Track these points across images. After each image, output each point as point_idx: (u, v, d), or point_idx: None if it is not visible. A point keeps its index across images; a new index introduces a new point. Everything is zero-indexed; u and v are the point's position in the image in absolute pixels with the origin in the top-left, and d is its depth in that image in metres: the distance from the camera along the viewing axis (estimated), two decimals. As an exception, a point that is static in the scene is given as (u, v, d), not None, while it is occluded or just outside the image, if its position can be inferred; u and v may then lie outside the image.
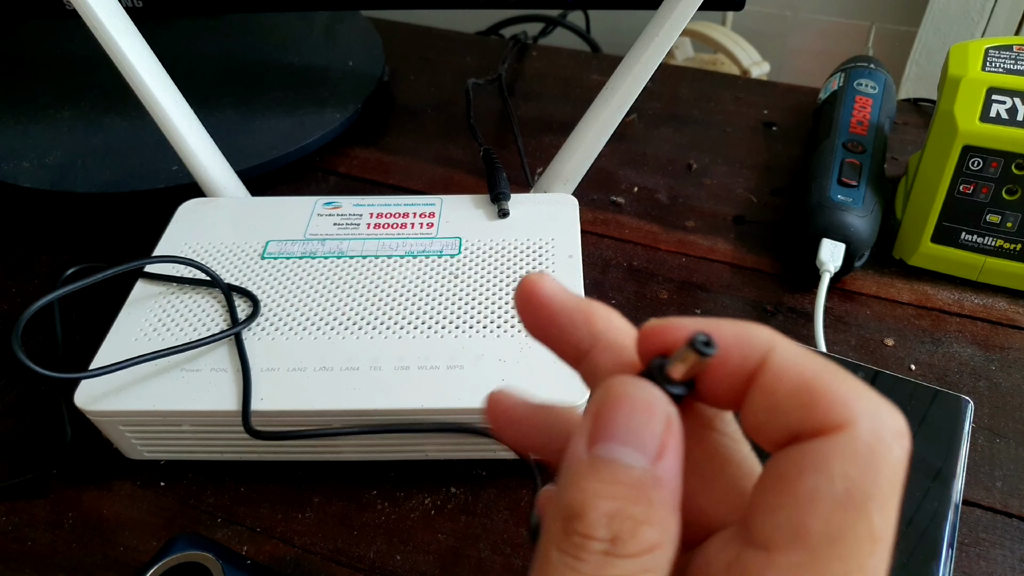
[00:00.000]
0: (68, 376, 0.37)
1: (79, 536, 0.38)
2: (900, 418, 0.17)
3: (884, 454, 0.16)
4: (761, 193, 0.58)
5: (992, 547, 0.38)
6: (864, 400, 0.17)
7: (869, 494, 0.16)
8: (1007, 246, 0.48)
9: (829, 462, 0.16)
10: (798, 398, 0.17)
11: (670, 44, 0.45)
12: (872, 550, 0.16)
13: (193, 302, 0.42)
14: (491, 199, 0.48)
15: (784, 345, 0.18)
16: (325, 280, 0.43)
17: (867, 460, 0.16)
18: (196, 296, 0.42)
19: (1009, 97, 0.45)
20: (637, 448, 0.17)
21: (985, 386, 0.44)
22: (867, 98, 0.57)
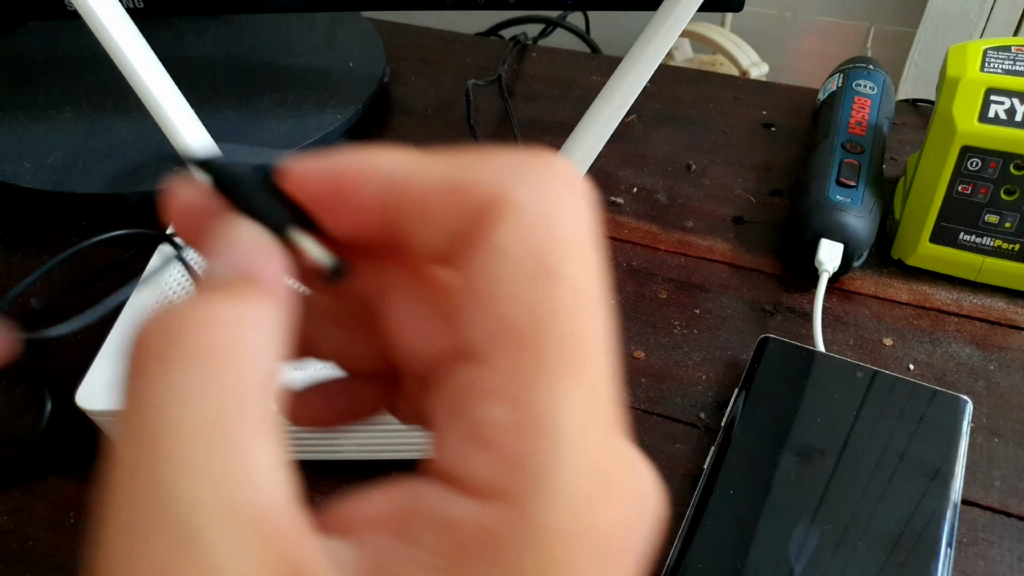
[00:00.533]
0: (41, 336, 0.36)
1: (80, 536, 0.38)
2: (554, 166, 0.15)
3: (556, 212, 0.15)
4: (760, 193, 0.59)
5: (990, 546, 0.38)
6: (504, 165, 0.15)
7: (560, 257, 0.14)
8: (1005, 246, 0.48)
9: (505, 244, 0.14)
10: (445, 202, 0.15)
11: (669, 45, 0.45)
12: (577, 302, 0.14)
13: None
14: None
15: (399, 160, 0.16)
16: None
17: (541, 224, 0.14)
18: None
19: (1007, 98, 0.45)
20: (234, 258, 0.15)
21: (983, 386, 0.45)
22: (866, 99, 0.58)
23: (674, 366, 0.46)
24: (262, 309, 0.15)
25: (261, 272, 0.15)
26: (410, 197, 0.15)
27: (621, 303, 0.50)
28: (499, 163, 0.15)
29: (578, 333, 0.14)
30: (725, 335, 0.48)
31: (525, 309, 0.14)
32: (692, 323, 0.48)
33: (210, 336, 0.13)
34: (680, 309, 0.49)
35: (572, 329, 0.14)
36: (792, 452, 0.39)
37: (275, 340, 0.15)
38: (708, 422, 0.43)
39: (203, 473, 0.12)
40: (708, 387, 0.45)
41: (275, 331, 0.15)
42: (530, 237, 0.14)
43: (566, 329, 0.14)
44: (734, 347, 0.47)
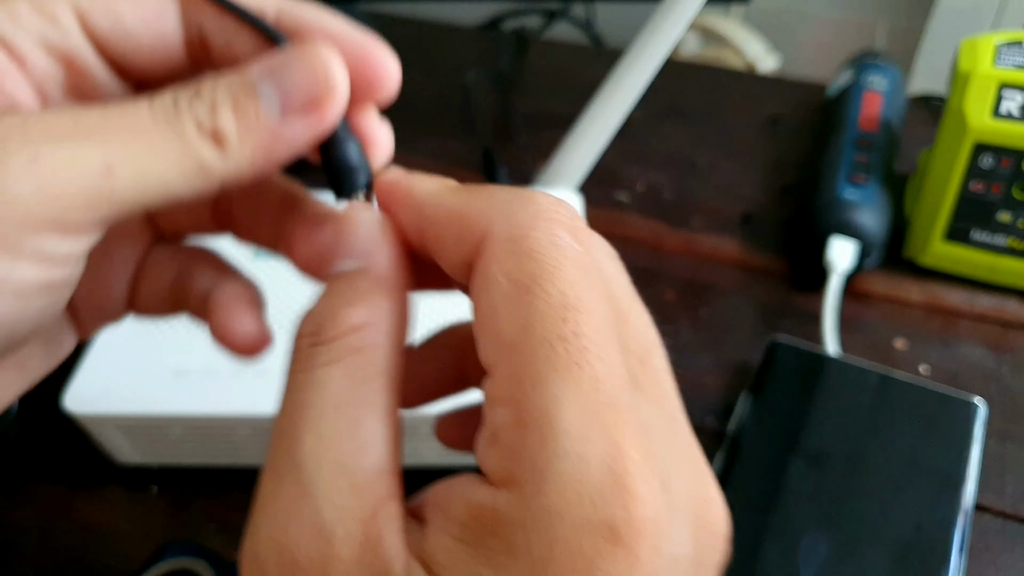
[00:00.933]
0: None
1: (71, 543, 0.38)
2: (534, 199, 0.18)
3: (526, 236, 0.17)
4: (769, 191, 0.58)
5: (1002, 552, 0.37)
6: (493, 201, 0.18)
7: (532, 276, 0.16)
8: (1019, 245, 0.47)
9: (490, 271, 0.17)
10: (454, 233, 0.18)
11: (677, 38, 0.44)
12: (557, 311, 0.16)
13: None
14: None
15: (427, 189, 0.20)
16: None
17: (514, 250, 0.17)
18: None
19: (1020, 93, 0.44)
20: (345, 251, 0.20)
21: (996, 389, 0.44)
22: (876, 94, 0.57)
23: (681, 369, 0.45)
24: (384, 311, 0.19)
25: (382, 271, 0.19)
26: (432, 225, 0.19)
27: (625, 303, 0.49)
28: (490, 199, 0.18)
29: (564, 338, 0.16)
30: (733, 337, 0.47)
31: (511, 324, 0.16)
32: (699, 324, 0.48)
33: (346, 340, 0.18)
34: (687, 310, 0.49)
35: (556, 334, 0.16)
36: (801, 457, 0.38)
37: (396, 338, 0.19)
38: (716, 426, 0.42)
39: (325, 439, 0.17)
40: (716, 390, 0.44)
41: (396, 329, 0.19)
42: (505, 262, 0.17)
43: (550, 335, 0.16)
44: (742, 349, 0.46)
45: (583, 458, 0.15)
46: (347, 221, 0.20)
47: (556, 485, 0.15)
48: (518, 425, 0.16)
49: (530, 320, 0.16)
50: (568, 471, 0.15)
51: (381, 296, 0.19)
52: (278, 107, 0.18)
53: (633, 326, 0.19)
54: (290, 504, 0.17)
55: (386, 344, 0.18)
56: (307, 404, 0.18)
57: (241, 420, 0.37)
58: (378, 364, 0.18)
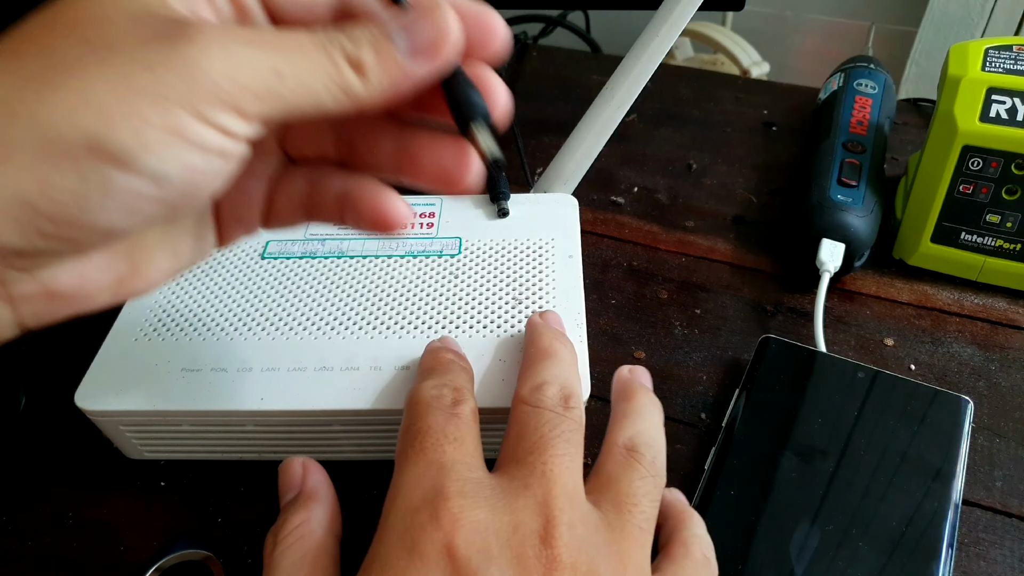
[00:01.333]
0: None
1: (79, 535, 0.38)
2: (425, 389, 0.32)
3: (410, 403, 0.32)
4: (761, 193, 0.58)
5: (992, 547, 0.38)
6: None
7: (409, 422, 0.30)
8: (1007, 246, 0.48)
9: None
10: None
11: (670, 44, 0.45)
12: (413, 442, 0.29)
13: (193, 300, 0.42)
14: (490, 199, 0.48)
15: None
16: (325, 280, 0.43)
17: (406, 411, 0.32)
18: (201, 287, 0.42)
19: (1009, 97, 0.45)
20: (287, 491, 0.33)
21: (985, 386, 0.44)
22: (867, 98, 0.57)
23: (675, 366, 0.46)
24: (314, 512, 0.30)
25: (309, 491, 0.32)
26: None
27: (621, 303, 0.50)
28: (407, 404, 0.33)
29: (409, 448, 0.29)
30: (726, 335, 0.48)
31: (399, 446, 0.30)
32: (693, 323, 0.48)
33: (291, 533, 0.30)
34: (681, 309, 0.49)
35: (407, 447, 0.29)
36: (793, 453, 0.39)
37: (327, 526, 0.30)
38: (709, 422, 0.43)
39: None
40: (709, 387, 0.45)
41: (327, 520, 0.30)
42: (401, 427, 0.31)
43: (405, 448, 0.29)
44: (735, 347, 0.47)
45: (411, 493, 0.26)
46: (284, 470, 0.33)
47: (393, 512, 0.26)
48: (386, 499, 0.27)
49: (401, 447, 0.29)
50: (401, 502, 0.26)
51: (310, 503, 0.30)
52: (407, 49, 0.23)
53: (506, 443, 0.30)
54: None
55: (317, 530, 0.29)
56: (271, 575, 0.28)
57: (249, 415, 0.37)
58: (312, 543, 0.28)
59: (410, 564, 0.24)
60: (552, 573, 0.24)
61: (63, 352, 0.46)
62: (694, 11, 0.44)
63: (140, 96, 0.19)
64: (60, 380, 0.44)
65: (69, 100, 0.19)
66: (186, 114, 0.20)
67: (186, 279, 0.43)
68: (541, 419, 0.29)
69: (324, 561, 0.28)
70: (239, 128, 0.21)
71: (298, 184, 0.28)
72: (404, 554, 0.24)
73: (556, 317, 0.38)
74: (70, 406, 0.37)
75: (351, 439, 0.39)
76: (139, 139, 0.19)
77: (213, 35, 0.20)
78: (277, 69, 0.21)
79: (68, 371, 0.39)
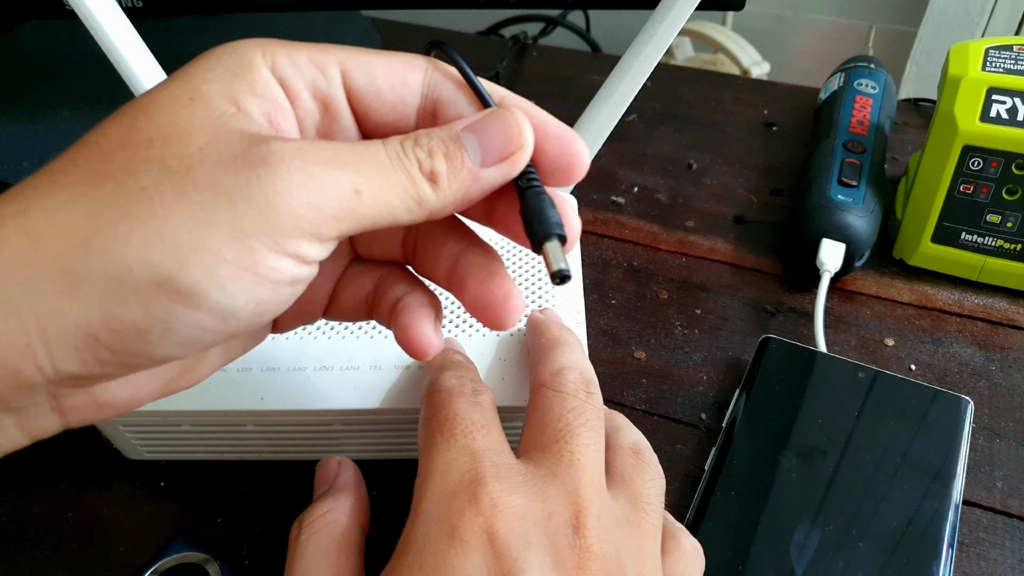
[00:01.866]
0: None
1: (78, 536, 0.38)
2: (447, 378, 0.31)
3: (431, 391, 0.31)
4: (761, 193, 0.58)
5: (992, 547, 0.38)
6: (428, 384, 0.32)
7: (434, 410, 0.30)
8: (1007, 246, 0.48)
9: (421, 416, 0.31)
10: None
11: (668, 42, 0.44)
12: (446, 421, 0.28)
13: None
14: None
15: None
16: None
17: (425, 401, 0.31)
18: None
19: (1009, 97, 0.45)
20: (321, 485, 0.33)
21: (985, 386, 0.44)
22: (867, 98, 0.57)
23: (675, 366, 0.46)
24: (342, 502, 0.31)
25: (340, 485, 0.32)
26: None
27: (622, 303, 0.50)
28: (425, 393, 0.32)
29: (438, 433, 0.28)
30: (726, 335, 0.48)
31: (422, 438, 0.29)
32: (693, 323, 0.48)
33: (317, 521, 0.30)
34: (681, 309, 0.49)
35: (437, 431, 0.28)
36: (793, 453, 0.39)
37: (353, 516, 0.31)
38: (709, 423, 0.43)
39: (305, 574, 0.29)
40: (709, 387, 0.45)
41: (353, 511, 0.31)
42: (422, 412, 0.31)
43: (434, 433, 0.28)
44: (735, 347, 0.47)
45: (446, 479, 0.26)
46: (321, 467, 0.33)
47: (428, 497, 0.26)
48: (416, 482, 0.27)
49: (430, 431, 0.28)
50: (436, 487, 0.26)
51: (339, 495, 0.31)
52: (479, 156, 0.23)
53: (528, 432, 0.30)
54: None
55: (343, 520, 0.29)
56: (296, 563, 0.28)
57: (249, 415, 0.37)
58: (338, 532, 0.29)
59: (450, 548, 0.24)
60: (584, 562, 0.24)
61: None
62: (692, 9, 0.43)
63: (217, 231, 0.19)
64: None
65: (144, 235, 0.19)
66: (263, 248, 0.20)
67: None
68: (566, 405, 0.29)
69: (349, 550, 0.29)
70: (315, 253, 0.21)
71: (364, 282, 0.29)
72: (443, 538, 0.24)
73: (556, 316, 0.38)
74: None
75: (351, 439, 0.39)
76: (210, 277, 0.19)
77: (293, 158, 0.20)
78: (358, 188, 0.21)
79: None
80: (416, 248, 0.28)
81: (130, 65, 0.44)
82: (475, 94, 0.25)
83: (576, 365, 0.31)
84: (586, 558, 0.25)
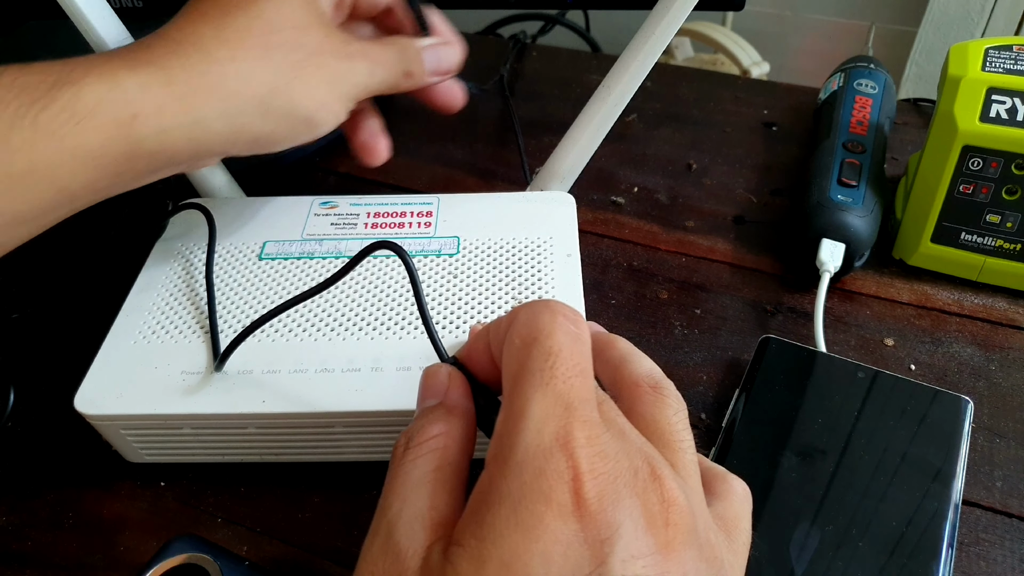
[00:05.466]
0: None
1: (79, 536, 0.38)
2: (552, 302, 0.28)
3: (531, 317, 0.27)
4: (761, 193, 0.58)
5: (992, 547, 0.38)
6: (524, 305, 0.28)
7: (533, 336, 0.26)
8: (1007, 246, 0.48)
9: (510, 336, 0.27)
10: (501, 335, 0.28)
11: (667, 41, 0.44)
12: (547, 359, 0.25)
13: (191, 302, 0.42)
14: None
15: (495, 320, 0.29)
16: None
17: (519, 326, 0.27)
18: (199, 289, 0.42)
19: (1009, 97, 0.45)
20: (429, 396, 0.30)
21: (985, 386, 0.44)
22: (867, 98, 0.57)
23: (675, 366, 0.46)
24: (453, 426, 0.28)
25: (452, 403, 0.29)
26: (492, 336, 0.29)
27: (621, 303, 0.50)
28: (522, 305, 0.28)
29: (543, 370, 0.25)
30: (726, 335, 0.48)
31: (513, 365, 0.26)
32: (693, 323, 0.48)
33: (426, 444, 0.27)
34: (681, 309, 0.49)
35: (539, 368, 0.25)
36: (793, 453, 0.39)
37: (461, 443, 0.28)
38: (709, 422, 0.43)
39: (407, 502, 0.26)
40: (709, 387, 0.45)
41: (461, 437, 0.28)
42: (519, 331, 0.27)
43: (535, 368, 0.25)
44: (735, 347, 0.47)
45: (540, 432, 0.24)
46: (431, 375, 0.30)
47: (521, 448, 0.24)
48: (503, 421, 0.25)
49: (524, 362, 0.26)
50: (530, 439, 0.24)
51: (451, 418, 0.28)
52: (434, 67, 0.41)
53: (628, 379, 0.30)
54: (380, 546, 0.25)
55: (452, 446, 0.27)
56: (398, 484, 0.27)
57: (250, 418, 0.37)
58: (446, 459, 0.27)
59: (547, 510, 0.23)
60: (671, 516, 0.24)
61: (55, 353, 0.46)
62: (690, 9, 0.43)
63: (336, 91, 0.37)
64: (54, 380, 0.44)
65: (304, 90, 0.35)
66: (344, 109, 0.37)
67: (183, 280, 0.43)
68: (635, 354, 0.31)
69: (454, 481, 0.27)
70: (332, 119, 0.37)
71: None
72: (540, 499, 0.23)
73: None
74: (66, 406, 0.37)
75: (353, 440, 0.39)
76: (327, 118, 0.37)
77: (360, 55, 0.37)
78: (370, 72, 0.38)
79: (61, 371, 0.39)
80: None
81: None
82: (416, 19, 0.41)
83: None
84: (671, 511, 0.24)
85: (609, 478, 0.24)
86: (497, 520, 0.23)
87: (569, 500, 0.23)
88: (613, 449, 0.24)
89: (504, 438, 0.24)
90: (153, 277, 0.43)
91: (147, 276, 0.43)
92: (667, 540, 0.23)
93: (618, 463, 0.24)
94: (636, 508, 0.23)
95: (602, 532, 0.23)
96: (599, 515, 0.23)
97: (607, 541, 0.22)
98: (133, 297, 0.42)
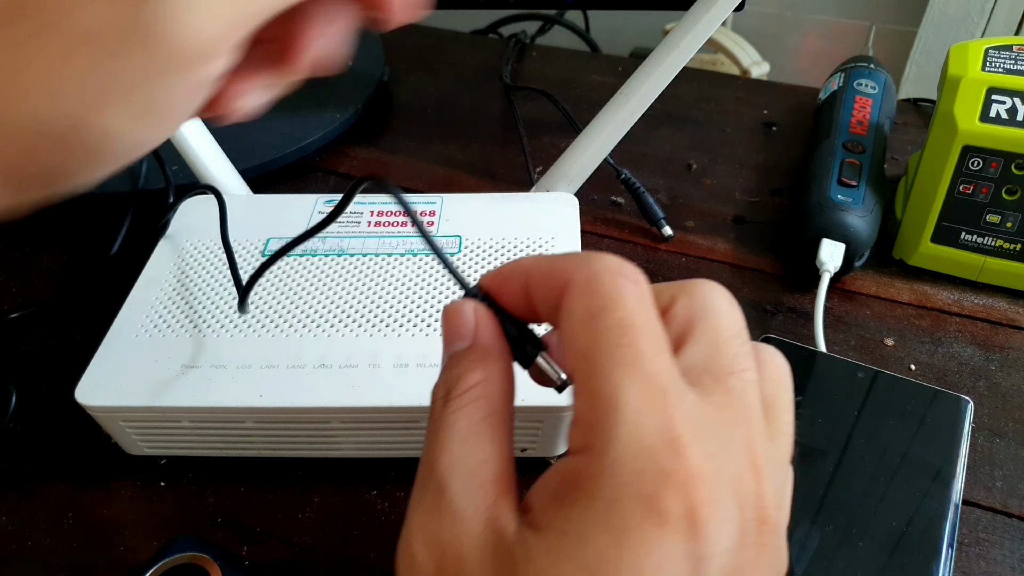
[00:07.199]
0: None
1: (79, 536, 0.38)
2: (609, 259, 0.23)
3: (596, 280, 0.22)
4: (761, 193, 0.58)
5: (992, 547, 0.38)
6: (574, 257, 0.24)
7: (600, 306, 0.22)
8: (1007, 246, 0.48)
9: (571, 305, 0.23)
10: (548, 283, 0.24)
11: (691, 54, 0.45)
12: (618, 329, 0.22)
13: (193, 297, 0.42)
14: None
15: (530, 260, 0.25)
16: (325, 278, 0.43)
17: (587, 290, 0.22)
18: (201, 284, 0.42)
19: (1009, 97, 0.45)
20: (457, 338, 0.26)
21: (985, 386, 0.44)
22: (867, 98, 0.57)
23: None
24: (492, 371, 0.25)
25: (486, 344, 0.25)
26: (534, 281, 0.24)
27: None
28: (573, 257, 0.24)
29: (622, 346, 0.21)
30: (726, 335, 0.47)
31: (585, 339, 0.22)
32: (693, 323, 0.48)
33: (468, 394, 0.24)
34: (681, 309, 0.49)
35: (616, 344, 0.21)
36: (793, 451, 0.39)
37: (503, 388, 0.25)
38: (709, 422, 0.43)
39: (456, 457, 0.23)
40: (709, 387, 0.45)
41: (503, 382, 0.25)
42: (580, 299, 0.22)
43: (612, 344, 0.21)
44: (735, 347, 0.47)
45: (639, 425, 0.20)
46: (456, 314, 0.26)
47: (619, 443, 0.20)
48: (590, 407, 0.21)
49: (597, 336, 0.22)
50: (628, 433, 0.20)
51: (488, 361, 0.25)
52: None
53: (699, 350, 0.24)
54: (431, 502, 0.23)
55: (495, 392, 0.25)
56: (443, 438, 0.24)
57: (248, 411, 0.37)
58: (491, 407, 0.24)
59: (648, 520, 0.20)
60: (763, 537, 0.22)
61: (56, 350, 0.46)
62: (720, 22, 0.44)
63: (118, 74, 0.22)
64: (55, 378, 0.44)
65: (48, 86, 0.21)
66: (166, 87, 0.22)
67: (185, 275, 0.43)
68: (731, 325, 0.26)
69: (503, 429, 0.24)
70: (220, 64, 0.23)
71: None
72: (640, 507, 0.20)
73: None
74: (67, 406, 0.37)
75: (349, 436, 0.39)
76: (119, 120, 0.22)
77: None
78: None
79: (62, 369, 0.39)
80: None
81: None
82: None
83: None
84: (764, 532, 0.22)
85: (714, 483, 0.21)
86: (585, 517, 0.20)
87: (676, 510, 0.20)
88: (715, 444, 0.21)
89: (595, 430, 0.21)
90: (157, 272, 0.44)
91: (151, 271, 0.44)
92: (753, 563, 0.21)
93: (720, 464, 0.21)
94: (735, 525, 0.21)
95: (702, 548, 0.20)
96: (703, 527, 0.20)
97: (704, 560, 0.20)
98: (137, 292, 0.42)
